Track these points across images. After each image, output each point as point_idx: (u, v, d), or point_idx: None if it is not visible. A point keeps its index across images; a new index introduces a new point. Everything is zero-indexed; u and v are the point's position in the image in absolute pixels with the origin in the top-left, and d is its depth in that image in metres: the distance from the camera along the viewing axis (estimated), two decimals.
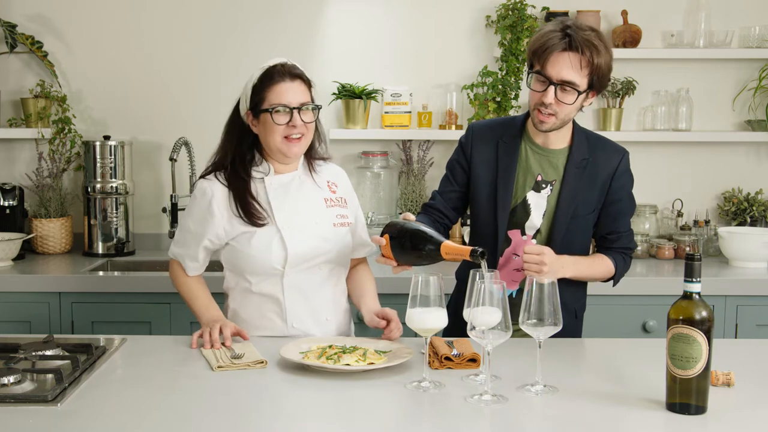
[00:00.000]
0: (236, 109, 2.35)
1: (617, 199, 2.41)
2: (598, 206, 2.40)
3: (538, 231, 2.38)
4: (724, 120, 3.81)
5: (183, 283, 2.39)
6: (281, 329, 2.31)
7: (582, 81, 2.24)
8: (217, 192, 2.28)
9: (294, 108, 2.23)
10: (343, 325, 2.41)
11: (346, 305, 2.44)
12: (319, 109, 2.30)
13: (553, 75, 2.24)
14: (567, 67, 2.23)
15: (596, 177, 2.37)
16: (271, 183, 2.31)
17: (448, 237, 2.49)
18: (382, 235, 2.13)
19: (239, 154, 2.31)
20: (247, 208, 2.26)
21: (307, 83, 2.30)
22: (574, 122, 2.41)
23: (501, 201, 2.38)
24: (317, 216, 2.32)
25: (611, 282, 2.47)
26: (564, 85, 2.24)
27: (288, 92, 2.24)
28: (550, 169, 2.38)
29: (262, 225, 2.26)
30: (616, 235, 2.43)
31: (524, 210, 2.38)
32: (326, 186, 2.38)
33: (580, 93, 2.25)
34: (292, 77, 2.26)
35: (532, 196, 2.38)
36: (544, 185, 2.37)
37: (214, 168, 2.33)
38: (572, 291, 2.42)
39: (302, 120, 2.24)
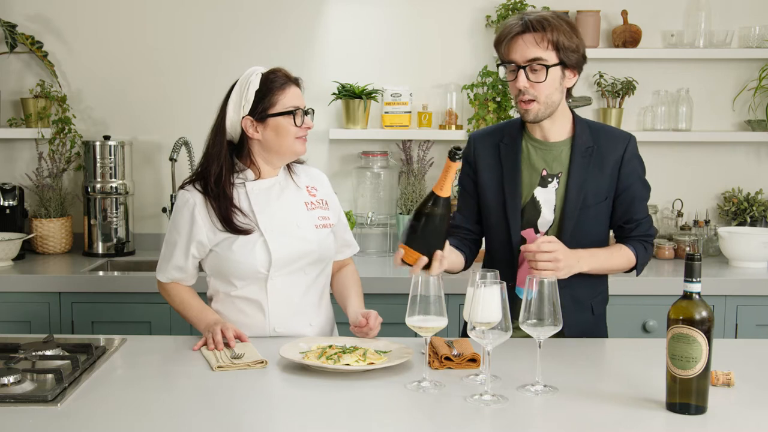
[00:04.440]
0: (220, 119, 2.32)
1: (629, 185, 2.34)
2: (611, 194, 2.34)
3: (551, 226, 2.33)
4: (724, 120, 3.81)
5: (174, 298, 2.38)
6: (262, 332, 2.31)
7: (548, 55, 2.22)
8: (198, 200, 2.29)
9: (305, 111, 2.31)
10: (326, 330, 2.41)
11: (330, 310, 2.45)
12: (313, 112, 2.38)
13: (517, 58, 2.24)
14: (526, 47, 2.22)
15: (603, 164, 2.32)
16: (252, 189, 2.33)
17: (476, 253, 2.48)
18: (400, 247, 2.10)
19: (225, 165, 2.30)
20: (230, 221, 2.27)
21: (301, 89, 2.36)
22: (573, 113, 2.37)
23: (510, 203, 2.33)
24: (299, 219, 2.33)
25: (634, 272, 2.40)
26: (531, 64, 2.22)
27: (297, 96, 2.31)
28: (555, 162, 2.33)
29: (247, 233, 2.27)
30: (634, 223, 2.36)
31: (534, 208, 2.33)
32: (305, 190, 2.40)
33: (548, 67, 2.22)
34: (296, 82, 2.33)
35: (540, 193, 2.33)
36: (550, 179, 2.32)
37: (194, 179, 2.34)
38: (588, 284, 2.35)
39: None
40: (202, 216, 2.29)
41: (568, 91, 2.32)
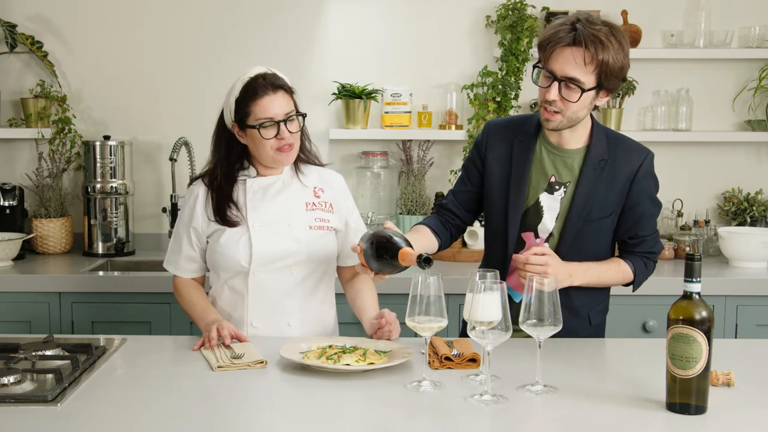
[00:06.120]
0: (221, 118, 2.36)
1: (638, 203, 2.28)
2: (617, 209, 2.28)
3: (550, 234, 2.29)
4: (724, 120, 3.81)
5: (183, 297, 2.41)
6: (241, 326, 2.33)
7: (588, 78, 2.14)
8: (200, 193, 2.36)
9: (280, 120, 2.25)
10: (311, 334, 2.35)
11: (325, 316, 2.42)
12: (304, 117, 2.32)
13: (556, 70, 2.15)
14: (570, 63, 2.13)
15: (615, 179, 2.26)
16: (251, 185, 2.35)
17: (455, 238, 2.48)
18: (359, 245, 2.11)
19: (228, 163, 2.34)
20: (223, 212, 2.31)
21: (290, 92, 2.31)
22: (593, 120, 2.31)
23: (513, 202, 2.29)
24: (291, 218, 2.33)
25: (631, 287, 2.37)
26: (568, 82, 2.15)
27: (273, 105, 2.25)
28: (565, 170, 2.28)
29: (235, 225, 2.31)
30: (639, 239, 2.31)
31: (537, 212, 2.29)
32: (311, 190, 2.39)
33: (584, 91, 2.15)
34: (275, 89, 2.26)
35: (545, 198, 2.28)
36: (557, 187, 2.27)
37: (202, 174, 2.39)
38: (585, 294, 2.32)
39: (289, 131, 2.27)
40: (200, 206, 2.35)
41: (596, 105, 2.25)
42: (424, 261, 1.95)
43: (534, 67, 2.24)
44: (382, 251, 2.04)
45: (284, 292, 2.33)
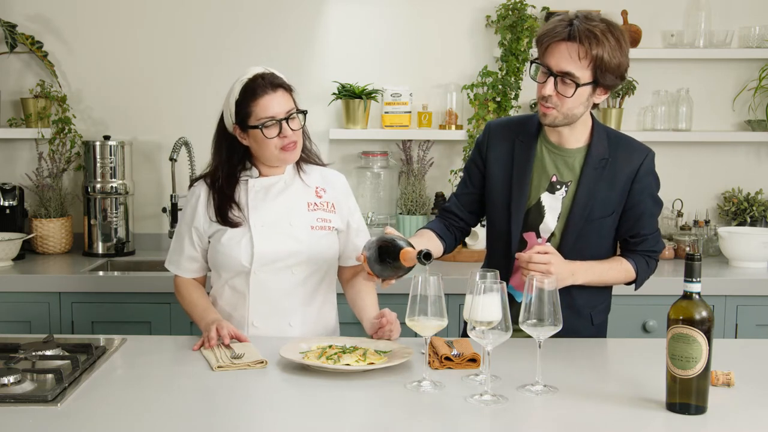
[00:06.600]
0: (221, 122, 2.36)
1: (639, 201, 2.28)
2: (618, 209, 2.28)
3: (552, 234, 2.29)
4: (724, 120, 3.81)
5: (184, 297, 2.41)
6: (242, 325, 2.33)
7: (582, 73, 2.15)
8: (202, 193, 2.36)
9: (281, 119, 2.25)
10: (313, 334, 2.35)
11: (326, 316, 2.42)
12: (305, 114, 2.32)
13: (552, 65, 2.16)
14: (565, 57, 2.14)
15: (616, 178, 2.26)
16: (253, 185, 2.35)
17: (460, 241, 2.48)
18: (362, 254, 2.11)
19: (230, 165, 2.34)
20: (224, 213, 2.31)
21: (289, 90, 2.31)
22: (593, 119, 2.31)
23: (515, 202, 2.29)
24: (293, 218, 2.33)
25: (632, 285, 2.37)
26: (563, 76, 2.15)
27: (273, 104, 2.25)
28: (566, 170, 2.28)
29: (236, 226, 2.31)
30: (640, 238, 2.31)
31: (538, 212, 2.29)
32: (313, 190, 2.39)
33: (579, 86, 2.15)
34: (274, 87, 2.27)
35: (546, 198, 2.29)
36: (558, 186, 2.28)
37: (203, 175, 2.40)
38: (588, 294, 2.32)
39: (291, 129, 2.27)
40: (202, 206, 2.35)
41: (595, 104, 2.25)
42: (424, 256, 1.96)
43: (531, 62, 2.25)
44: (384, 255, 2.04)
45: (285, 292, 2.33)
